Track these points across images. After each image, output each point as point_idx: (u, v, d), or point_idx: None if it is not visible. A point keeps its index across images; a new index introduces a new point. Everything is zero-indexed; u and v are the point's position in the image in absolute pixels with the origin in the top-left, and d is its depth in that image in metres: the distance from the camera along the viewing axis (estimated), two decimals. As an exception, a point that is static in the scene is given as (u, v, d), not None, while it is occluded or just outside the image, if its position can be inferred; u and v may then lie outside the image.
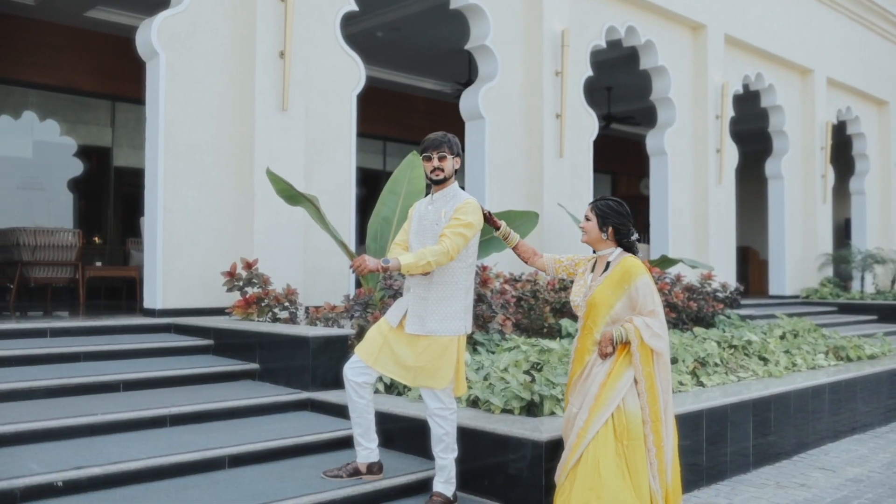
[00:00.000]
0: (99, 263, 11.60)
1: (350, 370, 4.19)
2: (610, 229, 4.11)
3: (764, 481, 5.40)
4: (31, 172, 12.71)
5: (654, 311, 3.95)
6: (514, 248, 4.46)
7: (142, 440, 4.60)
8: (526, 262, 4.51)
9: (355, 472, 4.35)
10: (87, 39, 12.19)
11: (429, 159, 4.17)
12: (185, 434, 4.79)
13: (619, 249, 4.14)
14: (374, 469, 4.37)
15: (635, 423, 3.88)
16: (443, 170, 4.15)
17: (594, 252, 4.26)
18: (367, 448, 4.35)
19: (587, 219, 4.18)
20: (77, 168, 13.07)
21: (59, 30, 11.97)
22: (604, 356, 3.96)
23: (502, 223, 4.42)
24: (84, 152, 13.02)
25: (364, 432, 4.31)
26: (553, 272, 4.40)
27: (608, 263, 4.12)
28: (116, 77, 12.24)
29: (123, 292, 11.83)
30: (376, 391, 5.58)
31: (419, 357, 4.08)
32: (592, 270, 4.18)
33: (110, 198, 13.26)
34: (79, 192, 13.20)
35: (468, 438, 4.61)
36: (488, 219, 4.34)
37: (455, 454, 4.25)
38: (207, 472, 4.38)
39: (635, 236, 4.14)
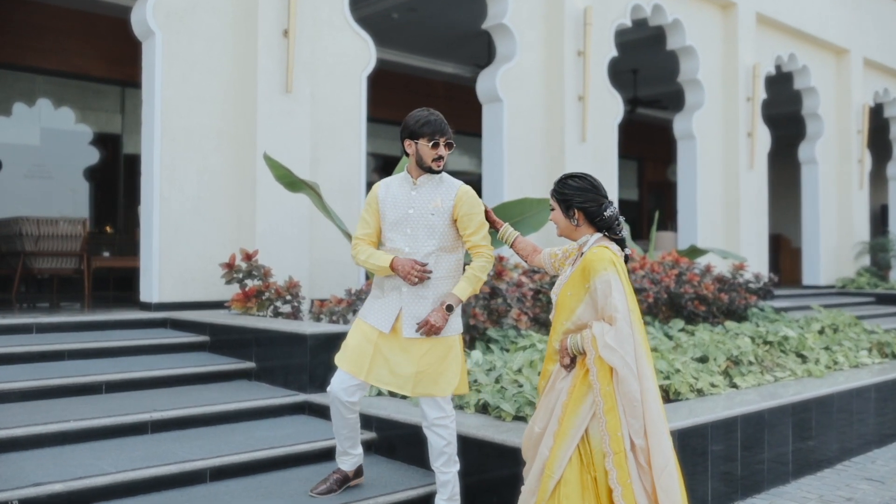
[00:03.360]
0: (107, 253, 11.27)
1: (342, 391, 3.66)
2: (577, 213, 3.33)
3: (805, 494, 4.90)
4: (39, 160, 12.40)
5: (612, 316, 3.16)
6: (512, 246, 3.79)
7: (117, 450, 4.20)
8: (525, 261, 3.86)
9: (345, 480, 3.96)
10: (94, 23, 11.81)
11: (436, 146, 3.59)
12: (166, 442, 4.38)
13: (598, 235, 3.37)
14: (360, 471, 4.05)
15: (598, 454, 3.18)
16: (443, 158, 3.64)
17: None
18: (357, 455, 3.98)
19: (551, 208, 3.46)
20: (86, 156, 12.74)
21: (65, 13, 11.60)
22: (565, 368, 3.32)
23: (504, 224, 3.80)
24: (93, 140, 12.68)
25: (353, 443, 3.91)
26: (551, 269, 3.72)
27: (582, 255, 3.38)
28: (125, 62, 11.80)
29: (133, 283, 11.48)
30: (378, 393, 5.15)
31: (420, 362, 3.60)
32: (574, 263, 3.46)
33: (120, 186, 12.93)
34: (89, 181, 12.89)
35: (475, 449, 4.16)
36: (486, 215, 3.75)
37: (458, 467, 3.81)
38: (186, 486, 3.96)
39: (610, 211, 3.31)
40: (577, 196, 3.33)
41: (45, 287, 11.35)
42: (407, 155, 3.68)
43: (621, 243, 3.38)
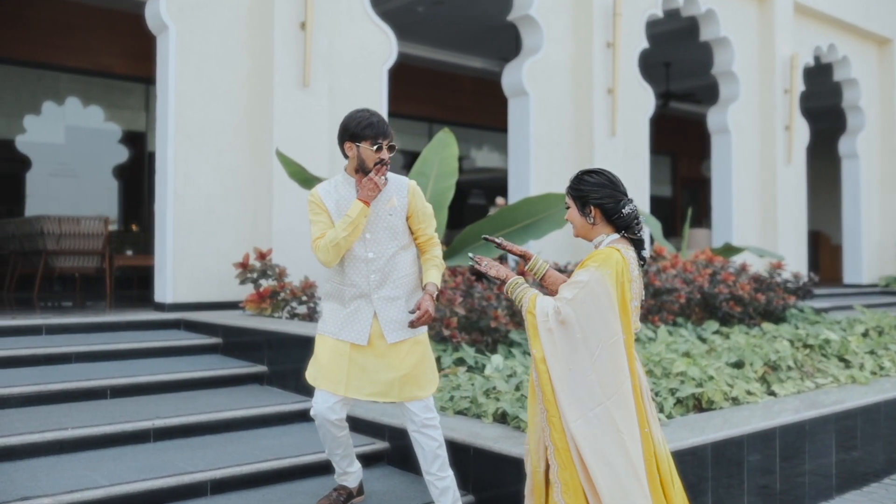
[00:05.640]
0: (130, 252, 11.17)
1: (327, 410, 3.42)
2: (593, 210, 3.08)
3: (850, 512, 4.56)
4: (64, 159, 12.34)
5: (562, 303, 2.94)
6: (542, 280, 3.40)
7: (115, 460, 3.99)
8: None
9: (349, 496, 3.75)
10: (116, 20, 11.69)
11: (379, 149, 3.35)
12: (168, 452, 4.16)
13: (615, 235, 3.11)
14: (362, 488, 3.83)
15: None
16: (385, 162, 3.40)
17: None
18: (357, 470, 3.77)
19: (567, 207, 3.22)
20: (111, 154, 12.67)
21: (87, 10, 11.51)
22: (477, 267, 3.17)
23: (534, 255, 3.41)
24: (118, 137, 12.61)
25: (350, 461, 3.70)
26: None
27: None
28: (149, 59, 11.71)
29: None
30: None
31: (401, 364, 3.42)
32: None
33: (145, 184, 12.84)
34: (114, 179, 12.82)
35: (491, 463, 3.89)
36: (507, 249, 3.42)
37: (451, 471, 3.60)
38: (184, 500, 3.74)
39: (629, 209, 3.06)
40: (594, 192, 3.08)
41: (69, 286, 11.29)
42: (346, 157, 3.47)
43: (639, 244, 3.10)
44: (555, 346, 2.95)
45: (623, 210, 3.07)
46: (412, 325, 3.36)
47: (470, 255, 3.30)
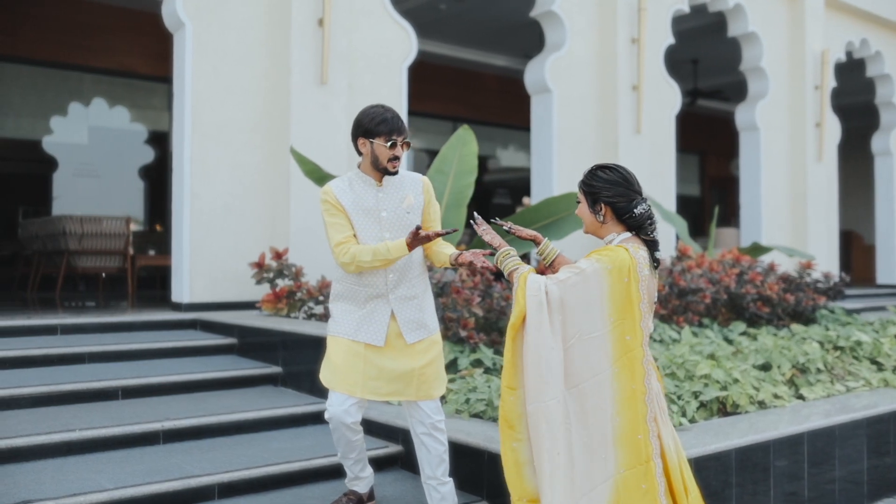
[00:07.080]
0: (152, 252, 11.17)
1: (343, 413, 3.32)
2: (604, 208, 2.95)
3: (883, 521, 4.38)
4: (90, 159, 12.41)
5: (556, 283, 2.82)
6: (552, 265, 3.24)
7: (122, 462, 3.92)
8: None
9: (360, 502, 3.66)
10: (139, 20, 11.70)
11: (393, 145, 3.26)
12: (176, 454, 4.09)
13: (626, 234, 2.96)
14: (373, 494, 3.73)
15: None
16: (399, 159, 3.32)
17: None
18: (369, 475, 3.67)
19: (577, 201, 3.08)
20: (137, 154, 12.72)
21: (111, 11, 11.53)
22: (475, 226, 3.17)
23: (545, 239, 3.28)
24: (141, 137, 12.65)
25: (363, 465, 3.60)
26: None
27: None
28: (171, 59, 11.75)
29: (179, 282, 11.35)
30: (399, 403, 4.81)
31: (417, 361, 3.36)
32: None
33: (169, 184, 12.85)
34: (137, 179, 12.86)
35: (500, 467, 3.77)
36: (515, 234, 3.29)
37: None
38: (190, 504, 3.67)
39: (641, 209, 2.89)
40: (605, 190, 2.92)
41: (93, 286, 11.32)
42: (360, 154, 3.39)
43: (653, 245, 2.95)
44: (539, 323, 2.82)
45: (635, 210, 2.91)
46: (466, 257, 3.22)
47: (475, 213, 3.25)
